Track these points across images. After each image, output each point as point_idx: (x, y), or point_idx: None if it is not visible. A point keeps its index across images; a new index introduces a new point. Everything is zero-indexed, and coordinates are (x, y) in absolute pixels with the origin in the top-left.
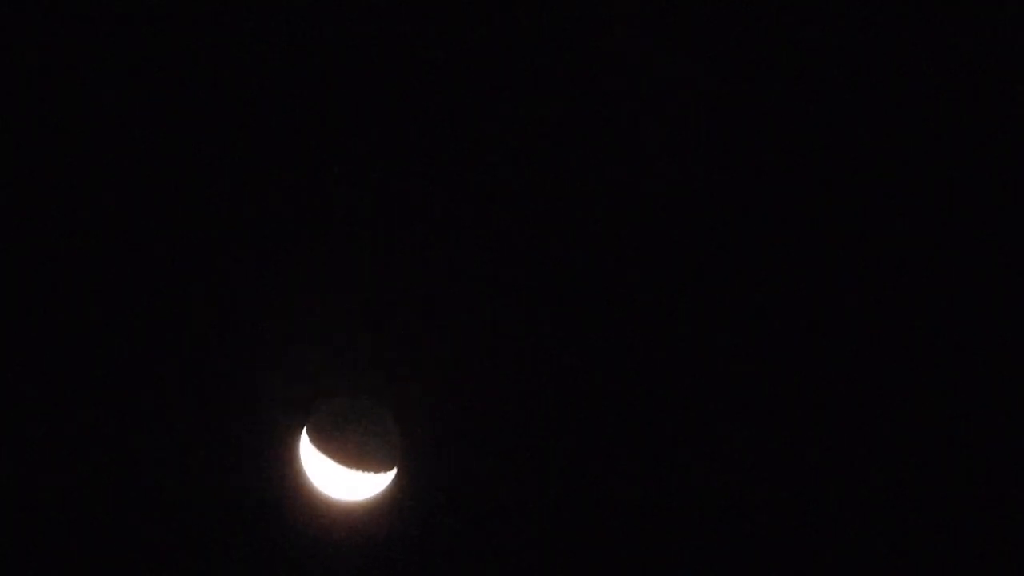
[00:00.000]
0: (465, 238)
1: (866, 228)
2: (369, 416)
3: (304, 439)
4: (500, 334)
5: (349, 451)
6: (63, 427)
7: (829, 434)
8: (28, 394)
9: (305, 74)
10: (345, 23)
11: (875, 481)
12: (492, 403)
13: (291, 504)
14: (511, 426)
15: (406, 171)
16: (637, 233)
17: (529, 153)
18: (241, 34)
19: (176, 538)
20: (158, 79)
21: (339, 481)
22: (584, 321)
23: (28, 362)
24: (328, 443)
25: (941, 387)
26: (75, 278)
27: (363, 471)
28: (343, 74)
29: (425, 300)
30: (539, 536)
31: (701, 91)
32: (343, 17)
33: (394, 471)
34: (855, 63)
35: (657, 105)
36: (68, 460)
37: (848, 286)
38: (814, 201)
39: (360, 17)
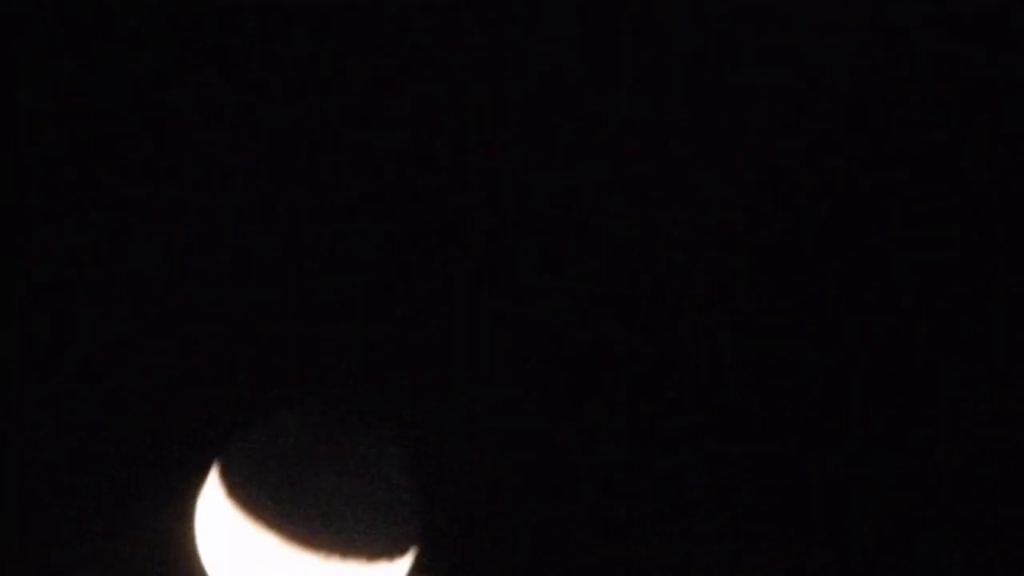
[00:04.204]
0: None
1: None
2: (354, 458)
3: (218, 502)
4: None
5: (317, 524)
6: None
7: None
8: None
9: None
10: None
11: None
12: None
13: None
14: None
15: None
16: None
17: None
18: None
19: None
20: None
21: None
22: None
23: None
24: (270, 509)
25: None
26: None
27: (347, 560)
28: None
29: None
30: None
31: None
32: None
33: (408, 559)
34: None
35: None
36: None
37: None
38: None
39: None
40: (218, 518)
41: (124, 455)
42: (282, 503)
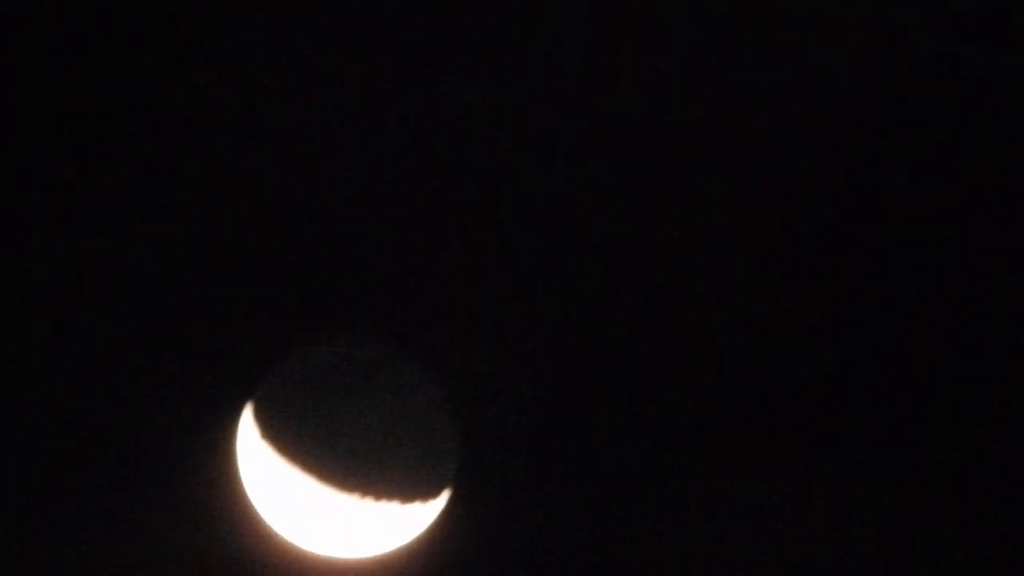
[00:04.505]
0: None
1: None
2: (390, 396)
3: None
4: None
5: (355, 462)
6: None
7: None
8: None
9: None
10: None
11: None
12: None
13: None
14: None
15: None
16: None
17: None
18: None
19: None
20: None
21: (339, 521)
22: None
23: None
24: (306, 450)
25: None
26: None
27: (383, 499)
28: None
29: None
30: None
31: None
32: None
33: (443, 498)
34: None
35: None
36: None
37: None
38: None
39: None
40: (255, 460)
41: (155, 403)
42: (317, 444)
